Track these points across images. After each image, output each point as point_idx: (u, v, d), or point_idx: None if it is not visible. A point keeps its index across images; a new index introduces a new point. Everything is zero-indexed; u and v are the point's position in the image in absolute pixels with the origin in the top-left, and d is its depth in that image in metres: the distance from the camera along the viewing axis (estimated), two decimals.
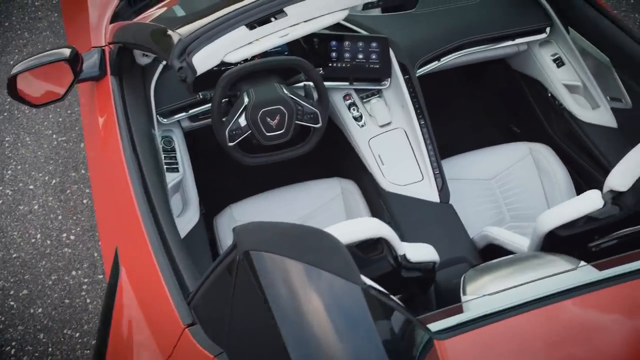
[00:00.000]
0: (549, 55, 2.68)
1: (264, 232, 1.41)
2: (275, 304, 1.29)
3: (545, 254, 1.71)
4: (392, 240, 1.58)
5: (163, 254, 1.72)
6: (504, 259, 1.72)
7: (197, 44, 1.85)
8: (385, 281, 1.66)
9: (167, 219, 1.88)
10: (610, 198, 1.68)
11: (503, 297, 1.49)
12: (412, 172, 2.37)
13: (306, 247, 1.35)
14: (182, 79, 1.85)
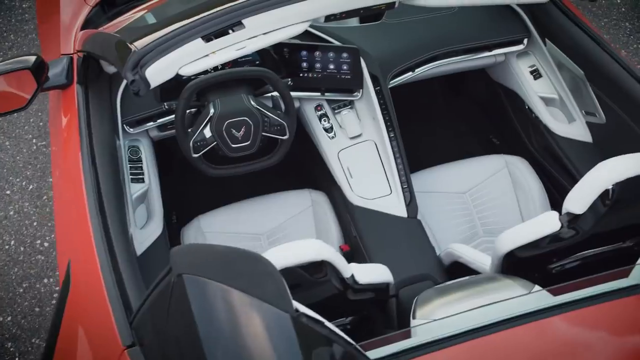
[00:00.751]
0: (527, 67, 2.63)
1: (198, 254, 1.37)
2: (203, 330, 1.25)
3: (502, 276, 1.67)
4: (335, 262, 1.54)
5: (110, 271, 1.68)
6: (457, 282, 1.68)
7: (150, 56, 1.81)
8: (335, 303, 1.62)
9: (120, 233, 1.84)
10: (567, 221, 1.63)
11: (451, 323, 1.45)
12: (380, 186, 2.33)
13: (239, 272, 1.32)
14: (135, 92, 1.82)
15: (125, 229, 1.92)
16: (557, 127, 2.51)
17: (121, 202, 2.02)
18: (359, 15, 2.03)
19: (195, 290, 1.29)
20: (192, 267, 1.33)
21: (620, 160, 1.57)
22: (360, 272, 1.62)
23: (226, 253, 1.37)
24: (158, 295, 1.42)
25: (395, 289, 2.07)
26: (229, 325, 1.25)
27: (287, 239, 2.43)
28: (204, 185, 2.83)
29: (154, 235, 2.25)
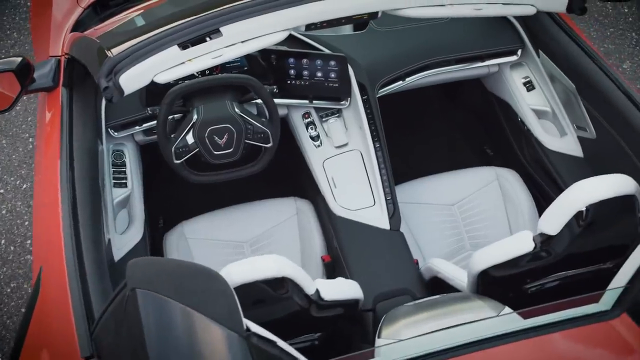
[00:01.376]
0: (520, 79, 2.58)
1: (154, 268, 1.35)
2: (152, 347, 1.23)
3: (474, 297, 1.64)
4: (297, 279, 1.51)
5: (77, 280, 1.67)
6: (426, 301, 1.65)
7: (125, 63, 1.80)
8: (299, 319, 1.59)
9: (92, 241, 1.82)
10: (540, 242, 1.59)
11: (415, 344, 1.42)
12: (364, 197, 2.29)
13: (193, 289, 1.29)
14: (108, 99, 1.80)
15: (99, 236, 1.91)
16: (548, 140, 2.46)
17: (97, 207, 2.00)
18: (340, 24, 2.00)
19: (147, 305, 1.28)
20: (147, 281, 1.31)
21: (594, 181, 1.53)
22: (326, 288, 1.59)
23: (182, 269, 1.35)
24: (115, 307, 1.40)
25: (373, 303, 2.04)
26: (177, 344, 1.22)
27: (270, 247, 2.41)
28: (192, 190, 2.81)
29: (133, 240, 2.24)
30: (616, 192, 1.49)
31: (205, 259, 2.37)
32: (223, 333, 1.21)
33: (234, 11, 1.85)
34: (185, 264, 1.35)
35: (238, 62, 2.42)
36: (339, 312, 1.67)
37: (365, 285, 2.09)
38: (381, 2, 1.91)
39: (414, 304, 1.67)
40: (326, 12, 1.91)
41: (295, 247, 2.40)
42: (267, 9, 1.86)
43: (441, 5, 1.94)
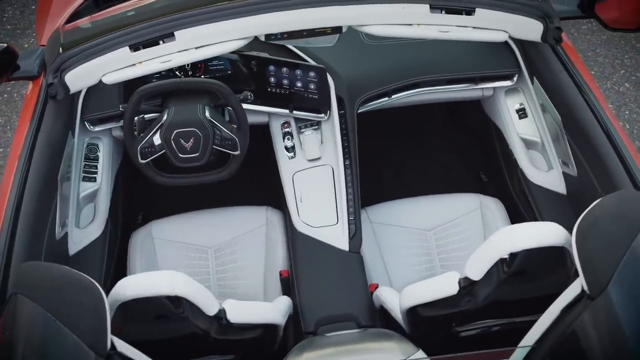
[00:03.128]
0: (514, 105, 2.46)
1: (40, 274, 1.33)
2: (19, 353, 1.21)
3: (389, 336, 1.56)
4: (194, 298, 1.46)
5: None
6: (339, 335, 1.58)
7: (73, 61, 1.79)
8: (204, 339, 1.54)
9: (30, 234, 1.82)
10: (464, 286, 1.50)
11: None
12: (328, 215, 2.23)
13: (68, 300, 1.27)
14: (52, 96, 1.80)
15: (43, 229, 1.90)
16: (533, 173, 2.33)
17: (48, 200, 2.00)
18: (302, 37, 1.94)
19: (22, 311, 1.26)
20: (29, 286, 1.29)
21: (520, 229, 1.43)
22: (235, 310, 1.54)
23: (63, 277, 1.32)
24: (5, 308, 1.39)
25: (315, 326, 1.98)
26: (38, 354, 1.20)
27: (233, 255, 2.37)
28: (174, 190, 2.79)
29: (92, 236, 2.24)
30: (540, 243, 1.38)
31: (168, 260, 2.35)
32: (81, 350, 1.17)
33: (191, 16, 1.81)
34: (69, 272, 1.33)
35: (222, 66, 2.39)
36: (256, 334, 1.62)
37: (310, 306, 2.03)
38: (344, 17, 1.84)
39: (327, 337, 1.60)
40: (286, 23, 1.85)
41: (259, 258, 2.36)
42: (225, 16, 1.82)
43: (408, 24, 1.86)
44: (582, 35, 3.90)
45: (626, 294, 1.18)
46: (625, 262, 1.20)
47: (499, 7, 1.82)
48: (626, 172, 1.80)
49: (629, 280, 1.19)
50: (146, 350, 1.50)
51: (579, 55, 2.30)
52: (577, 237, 1.28)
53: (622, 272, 1.19)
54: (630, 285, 1.19)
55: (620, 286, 1.18)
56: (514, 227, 1.44)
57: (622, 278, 1.19)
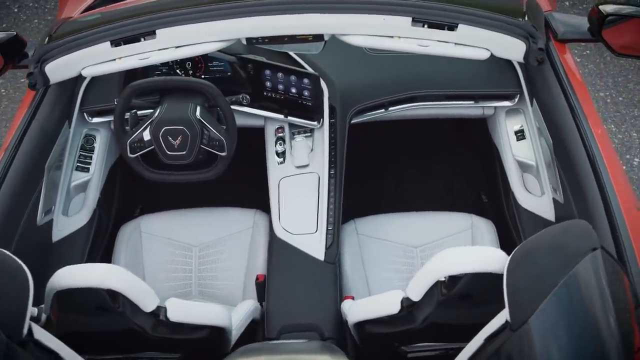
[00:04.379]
0: (513, 126, 2.40)
1: None
2: None
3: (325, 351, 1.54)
4: (129, 293, 1.46)
5: None
6: (275, 344, 1.57)
7: (53, 53, 1.83)
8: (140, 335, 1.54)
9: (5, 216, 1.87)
10: (405, 305, 1.47)
11: None
12: (308, 223, 2.21)
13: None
14: (31, 86, 1.84)
15: (17, 213, 1.95)
16: (524, 197, 2.27)
17: (32, 186, 2.05)
18: (283, 43, 1.94)
19: None
20: None
21: (459, 252, 1.39)
22: (177, 309, 1.54)
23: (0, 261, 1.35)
24: None
25: (278, 333, 1.97)
26: None
27: (217, 255, 2.38)
28: (172, 186, 2.82)
29: (77, 224, 2.28)
30: (477, 268, 1.34)
31: (153, 255, 2.38)
32: None
33: (173, 16, 1.83)
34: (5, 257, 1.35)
35: (222, 67, 2.41)
36: (202, 335, 1.62)
37: (277, 312, 2.03)
38: (324, 26, 1.83)
39: (262, 344, 1.59)
40: (266, 28, 1.85)
41: (241, 260, 2.36)
42: (207, 17, 1.83)
43: (389, 37, 1.83)
44: (614, 60, 3.78)
45: (546, 330, 1.13)
46: (552, 297, 1.15)
47: (482, 24, 1.78)
48: (604, 205, 1.73)
49: (552, 316, 1.14)
50: (85, 341, 1.52)
51: (579, 78, 2.23)
52: (509, 266, 1.24)
53: (547, 306, 1.14)
54: (552, 322, 1.14)
55: (541, 321, 1.14)
56: (454, 250, 1.40)
57: (546, 313, 1.14)
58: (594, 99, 3.57)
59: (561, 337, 1.12)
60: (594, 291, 1.17)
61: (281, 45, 2.03)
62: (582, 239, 1.25)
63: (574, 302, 1.16)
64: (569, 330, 1.13)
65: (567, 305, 1.16)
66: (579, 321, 1.14)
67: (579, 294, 1.17)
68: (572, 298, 1.16)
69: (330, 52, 2.42)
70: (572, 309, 1.15)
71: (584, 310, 1.15)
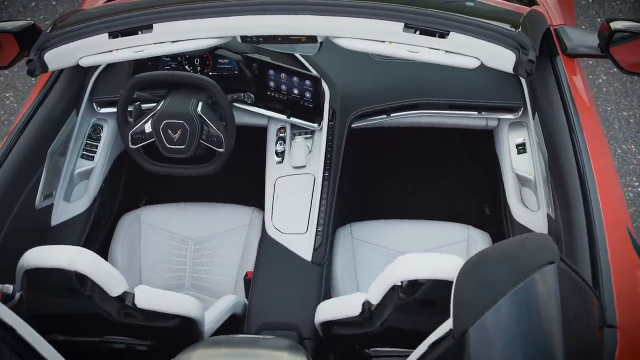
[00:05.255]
0: (515, 139, 2.37)
1: None
2: None
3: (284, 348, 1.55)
4: (96, 277, 1.49)
5: None
6: (233, 337, 1.58)
7: (54, 41, 1.89)
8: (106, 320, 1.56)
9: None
10: (366, 308, 1.47)
11: None
12: (299, 223, 2.22)
13: None
14: (30, 72, 1.90)
15: (13, 196, 2.01)
16: (519, 211, 2.24)
17: (32, 169, 2.11)
18: (277, 43, 1.96)
19: None
20: None
21: (417, 258, 1.38)
22: (145, 296, 1.56)
23: None
24: None
25: (257, 330, 1.99)
26: None
27: (211, 250, 2.41)
28: (177, 179, 2.87)
29: (76, 210, 2.34)
30: (433, 275, 1.33)
31: (151, 245, 2.43)
32: None
33: (171, 11, 1.87)
34: None
35: (229, 65, 2.44)
36: (171, 324, 1.64)
37: (258, 309, 2.05)
38: (317, 27, 1.85)
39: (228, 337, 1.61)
40: (261, 27, 1.88)
41: (234, 256, 2.39)
42: (203, 14, 1.87)
43: (381, 41, 1.84)
44: None
45: (485, 341, 1.11)
46: (495, 308, 1.13)
47: (473, 33, 1.77)
48: (587, 224, 1.70)
49: (493, 328, 1.12)
50: (55, 322, 1.57)
51: (585, 94, 2.19)
52: (459, 274, 1.23)
53: (489, 317, 1.13)
54: (492, 333, 1.12)
55: (481, 331, 1.12)
56: (414, 255, 1.40)
57: (487, 324, 1.13)
58: (617, 117, 3.50)
59: (499, 350, 1.11)
60: (542, 307, 1.15)
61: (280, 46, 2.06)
62: (539, 252, 1.24)
63: (519, 315, 1.14)
64: (507, 344, 1.12)
65: (511, 318, 1.14)
66: (521, 336, 1.12)
67: (525, 307, 1.15)
68: (517, 311, 1.14)
69: (336, 55, 2.44)
70: (515, 323, 1.13)
71: (528, 324, 1.13)
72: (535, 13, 2.12)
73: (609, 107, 3.55)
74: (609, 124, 3.45)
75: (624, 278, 1.58)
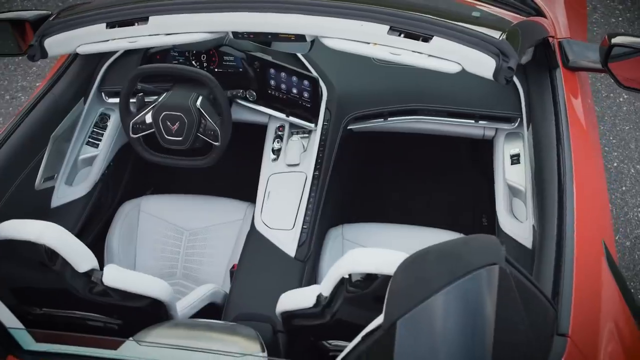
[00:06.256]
0: (511, 149, 2.36)
1: None
2: None
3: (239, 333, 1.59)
4: (63, 252, 1.54)
5: None
6: (194, 321, 1.62)
7: (55, 29, 1.98)
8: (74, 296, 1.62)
9: None
10: (320, 301, 1.49)
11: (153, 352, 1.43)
12: (287, 219, 2.26)
13: None
14: (30, 57, 1.99)
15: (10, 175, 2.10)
16: (506, 222, 2.22)
17: (33, 151, 2.20)
18: (266, 40, 2.00)
19: None
20: None
21: (366, 252, 1.40)
22: (113, 275, 1.61)
23: None
24: None
25: (233, 320, 2.03)
26: None
27: (204, 242, 2.47)
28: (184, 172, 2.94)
29: (74, 195, 2.43)
30: (379, 270, 1.35)
31: (146, 232, 2.49)
32: None
33: (166, 5, 1.94)
34: None
35: (234, 62, 2.50)
36: (140, 304, 1.69)
37: (237, 300, 2.09)
38: (304, 26, 1.89)
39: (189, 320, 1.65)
40: (251, 24, 1.93)
41: (226, 249, 2.43)
42: (197, 9, 1.93)
43: (366, 43, 1.87)
44: None
45: (411, 335, 1.12)
46: (427, 303, 1.14)
47: (455, 38, 1.78)
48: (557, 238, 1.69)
49: (420, 322, 1.13)
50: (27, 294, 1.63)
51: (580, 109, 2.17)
52: (398, 267, 1.24)
53: (418, 312, 1.14)
54: (418, 328, 1.13)
55: (409, 324, 1.13)
56: (363, 250, 1.42)
57: (415, 318, 1.13)
58: (634, 137, 3.44)
59: (423, 346, 1.12)
60: (474, 307, 1.15)
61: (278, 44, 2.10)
62: (482, 253, 1.24)
63: (448, 313, 1.14)
64: (432, 341, 1.12)
65: (440, 315, 1.14)
66: (447, 333, 1.13)
67: (456, 306, 1.15)
68: (447, 309, 1.15)
69: (339, 58, 2.48)
70: (443, 320, 1.14)
71: (456, 323, 1.14)
72: (531, 22, 2.12)
73: (627, 126, 3.49)
74: (625, 143, 3.40)
75: (585, 290, 1.57)
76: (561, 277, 1.57)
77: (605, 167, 3.30)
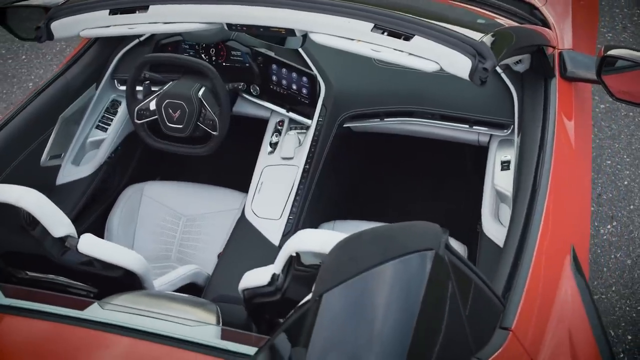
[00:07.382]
0: (502, 156, 2.38)
1: None
2: None
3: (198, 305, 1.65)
4: (39, 216, 1.61)
5: None
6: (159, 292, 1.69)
7: (62, 13, 2.10)
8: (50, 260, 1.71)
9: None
10: (274, 279, 1.55)
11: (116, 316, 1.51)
12: (275, 209, 2.33)
13: None
14: (37, 38, 2.11)
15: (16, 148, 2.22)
16: (489, 225, 2.25)
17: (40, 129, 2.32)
18: (259, 33, 2.08)
19: None
20: None
21: (313, 232, 1.46)
22: (89, 242, 1.68)
23: None
24: None
25: (212, 301, 2.10)
26: None
27: (198, 228, 2.55)
28: (192, 161, 3.03)
29: (79, 174, 2.55)
30: (323, 249, 1.40)
31: (146, 216, 2.59)
32: None
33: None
34: None
35: (241, 57, 2.59)
36: (115, 275, 1.76)
37: (218, 282, 2.16)
38: (293, 21, 1.96)
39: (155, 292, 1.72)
40: (244, 16, 2.00)
41: (220, 236, 2.51)
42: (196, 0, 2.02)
43: (350, 39, 1.92)
44: None
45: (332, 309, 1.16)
46: (352, 281, 1.18)
47: (435, 37, 1.82)
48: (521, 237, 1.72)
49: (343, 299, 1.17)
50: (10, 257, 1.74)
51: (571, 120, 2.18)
52: (335, 245, 1.29)
53: (343, 288, 1.18)
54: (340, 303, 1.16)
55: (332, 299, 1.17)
56: (310, 230, 1.47)
57: (340, 293, 1.18)
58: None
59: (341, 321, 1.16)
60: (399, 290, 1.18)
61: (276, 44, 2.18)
62: (419, 238, 1.28)
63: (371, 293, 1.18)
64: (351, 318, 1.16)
65: (363, 294, 1.18)
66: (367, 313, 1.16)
67: (381, 287, 1.18)
68: (371, 289, 1.18)
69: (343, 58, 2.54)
70: (366, 299, 1.17)
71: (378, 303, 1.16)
72: (528, 29, 2.14)
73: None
74: (638, 162, 3.36)
75: (539, 289, 1.59)
76: (516, 275, 1.59)
77: (615, 184, 3.26)
